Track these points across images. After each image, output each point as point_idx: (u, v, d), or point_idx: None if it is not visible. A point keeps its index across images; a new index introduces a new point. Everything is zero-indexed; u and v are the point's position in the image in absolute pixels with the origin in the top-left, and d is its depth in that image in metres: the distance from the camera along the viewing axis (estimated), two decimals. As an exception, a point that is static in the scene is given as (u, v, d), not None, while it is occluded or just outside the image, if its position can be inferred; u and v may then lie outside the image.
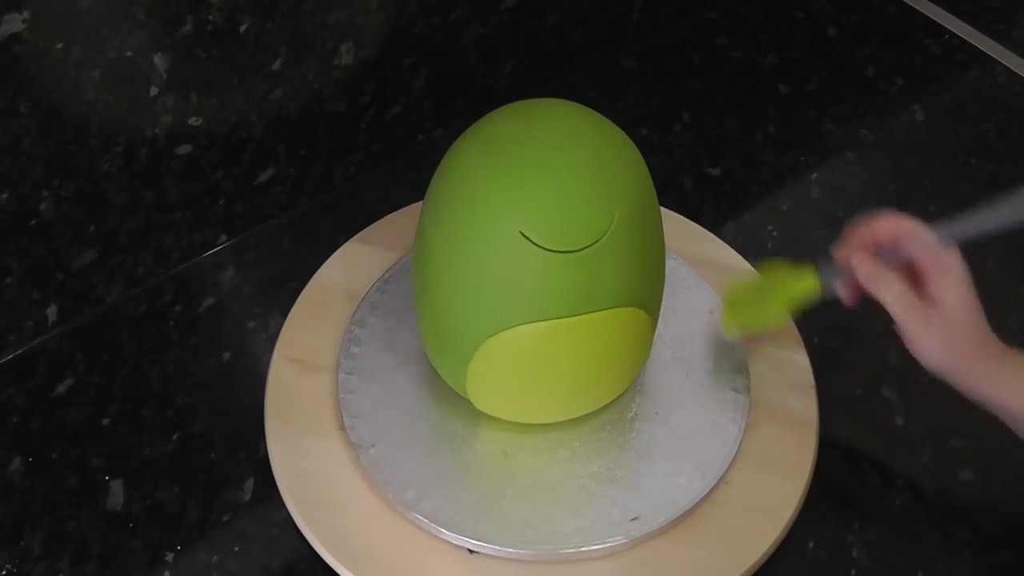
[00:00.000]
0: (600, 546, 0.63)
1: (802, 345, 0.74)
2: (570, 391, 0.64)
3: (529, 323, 0.58)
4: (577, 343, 0.60)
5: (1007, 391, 0.59)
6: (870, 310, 0.63)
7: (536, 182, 0.57)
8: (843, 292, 0.65)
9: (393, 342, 0.72)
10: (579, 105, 0.63)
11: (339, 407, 0.69)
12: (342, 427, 0.68)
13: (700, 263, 0.78)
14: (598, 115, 0.62)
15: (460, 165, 0.60)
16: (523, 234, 0.56)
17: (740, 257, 0.79)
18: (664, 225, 0.65)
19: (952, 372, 0.60)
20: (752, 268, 0.78)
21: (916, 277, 0.61)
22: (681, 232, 0.80)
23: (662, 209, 0.81)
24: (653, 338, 0.66)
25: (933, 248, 0.61)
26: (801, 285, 0.67)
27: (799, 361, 0.73)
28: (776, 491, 0.66)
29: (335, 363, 0.71)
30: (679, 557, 0.63)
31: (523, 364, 0.61)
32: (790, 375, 0.72)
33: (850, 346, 0.76)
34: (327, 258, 0.78)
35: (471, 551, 0.63)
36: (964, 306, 0.59)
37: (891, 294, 0.60)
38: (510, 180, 0.58)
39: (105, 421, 0.70)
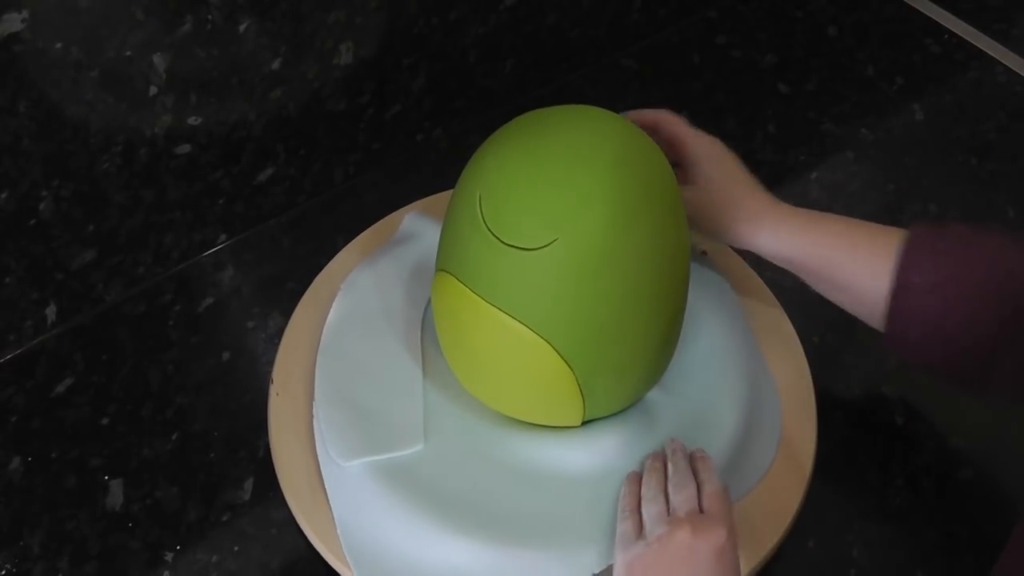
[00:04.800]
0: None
1: (801, 348, 0.74)
2: (474, 369, 0.64)
3: (458, 280, 0.60)
4: (482, 329, 0.60)
5: (784, 245, 0.65)
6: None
7: (515, 166, 0.58)
8: None
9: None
10: (638, 133, 0.62)
11: None
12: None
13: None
14: (651, 151, 0.61)
15: (504, 129, 0.63)
16: (479, 198, 0.58)
17: (739, 258, 0.79)
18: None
19: (729, 234, 0.67)
20: (751, 269, 0.78)
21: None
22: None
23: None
24: (589, 400, 0.62)
25: (678, 135, 0.69)
26: None
27: (799, 361, 0.73)
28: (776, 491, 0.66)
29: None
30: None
31: (448, 311, 0.63)
32: (790, 375, 0.72)
33: (850, 346, 0.76)
34: (326, 258, 0.78)
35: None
36: (708, 176, 0.67)
37: None
38: (501, 155, 0.60)
39: (104, 421, 0.70)
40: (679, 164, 0.68)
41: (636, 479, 0.63)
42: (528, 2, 0.86)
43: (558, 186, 0.57)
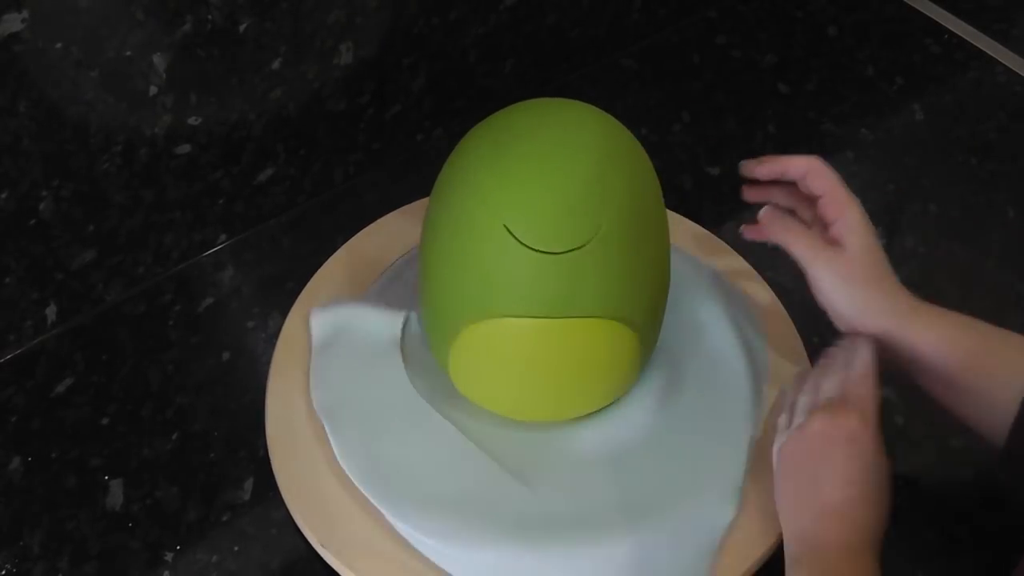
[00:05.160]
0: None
1: (801, 345, 0.74)
2: (545, 391, 0.64)
3: (506, 317, 0.59)
4: (553, 345, 0.60)
5: (916, 335, 0.60)
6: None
7: (527, 179, 0.58)
8: (749, 232, 0.68)
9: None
10: (596, 110, 0.63)
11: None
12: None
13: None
14: (615, 123, 0.62)
15: (464, 155, 0.62)
16: (507, 228, 0.57)
17: (740, 257, 0.79)
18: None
19: (858, 311, 0.61)
20: (751, 268, 0.78)
21: (819, 225, 0.64)
22: (681, 232, 0.80)
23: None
24: (643, 357, 0.65)
25: (833, 191, 0.63)
26: None
27: (799, 361, 0.73)
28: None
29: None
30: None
31: (499, 355, 0.62)
32: (790, 375, 0.72)
33: (850, 346, 0.76)
34: (326, 257, 0.78)
35: None
36: (863, 246, 0.62)
37: (793, 235, 0.64)
38: (502, 174, 0.58)
39: (104, 421, 0.70)
40: (823, 221, 0.64)
41: (803, 377, 0.63)
42: (528, 2, 0.86)
43: (577, 180, 0.58)
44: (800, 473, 0.58)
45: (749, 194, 0.69)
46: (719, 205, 0.86)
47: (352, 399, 0.68)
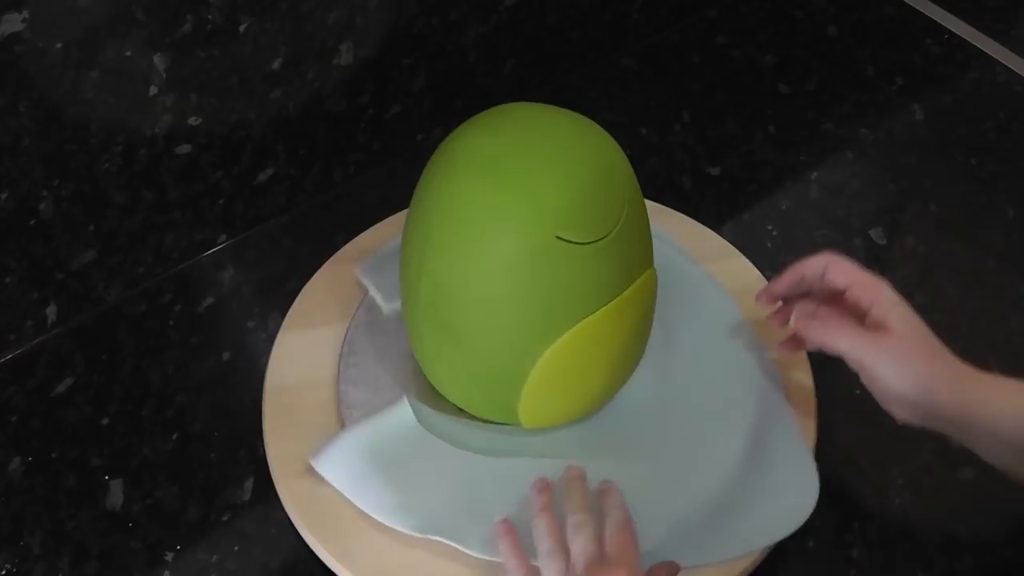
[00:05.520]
0: None
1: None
2: (614, 371, 0.65)
3: (582, 320, 0.59)
4: (623, 321, 0.61)
5: (994, 406, 0.57)
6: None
7: (554, 185, 0.57)
8: (786, 349, 0.68)
9: (392, 344, 0.72)
10: (539, 104, 0.63)
11: (339, 407, 0.69)
12: (342, 426, 0.67)
13: (702, 262, 0.78)
14: (559, 108, 0.63)
15: (461, 196, 0.58)
16: (560, 237, 0.56)
17: (741, 256, 0.79)
18: (666, 225, 0.65)
19: (924, 388, 0.58)
20: (753, 267, 0.78)
21: (853, 313, 0.62)
22: (681, 231, 0.80)
23: (663, 207, 0.82)
24: None
25: (859, 277, 0.61)
26: None
27: (799, 361, 0.73)
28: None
29: (335, 364, 0.71)
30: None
31: (578, 363, 0.61)
32: (790, 375, 0.72)
33: (850, 346, 0.76)
34: (326, 258, 0.78)
35: None
36: (910, 322, 0.59)
37: (834, 330, 0.61)
38: (528, 192, 0.57)
39: (105, 421, 0.70)
40: (857, 309, 0.61)
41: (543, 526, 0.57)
42: (528, 2, 0.86)
43: (591, 163, 0.59)
44: None
45: (774, 321, 0.68)
46: (719, 205, 0.86)
47: (435, 503, 0.63)
